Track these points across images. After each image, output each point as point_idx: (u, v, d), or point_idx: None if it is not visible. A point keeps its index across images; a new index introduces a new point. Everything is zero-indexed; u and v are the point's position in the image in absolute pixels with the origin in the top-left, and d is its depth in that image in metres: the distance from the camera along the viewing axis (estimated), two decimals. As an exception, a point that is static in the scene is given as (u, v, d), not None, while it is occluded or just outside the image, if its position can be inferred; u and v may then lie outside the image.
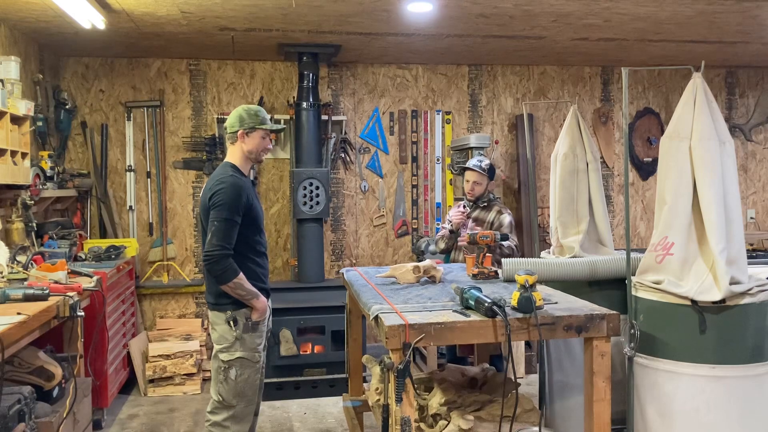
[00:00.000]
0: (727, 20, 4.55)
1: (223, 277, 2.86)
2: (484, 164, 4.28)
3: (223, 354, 2.96)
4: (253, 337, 2.98)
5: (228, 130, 3.06)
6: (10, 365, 2.97)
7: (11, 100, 3.88)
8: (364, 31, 4.73)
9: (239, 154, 3.06)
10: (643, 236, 6.40)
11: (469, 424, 2.76)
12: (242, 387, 2.96)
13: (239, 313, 2.94)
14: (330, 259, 5.89)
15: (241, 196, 2.92)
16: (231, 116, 3.06)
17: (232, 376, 2.94)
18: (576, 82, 6.25)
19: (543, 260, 3.29)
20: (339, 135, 5.82)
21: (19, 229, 4.03)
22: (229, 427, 2.96)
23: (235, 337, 2.94)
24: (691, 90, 2.74)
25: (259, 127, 3.04)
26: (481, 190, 4.28)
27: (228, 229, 2.86)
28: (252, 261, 3.02)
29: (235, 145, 3.06)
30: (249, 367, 2.97)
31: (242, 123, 3.03)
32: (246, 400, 2.99)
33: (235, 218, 2.88)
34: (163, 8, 4.10)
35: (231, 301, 2.94)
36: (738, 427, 2.62)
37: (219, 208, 2.87)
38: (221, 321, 2.96)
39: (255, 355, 2.99)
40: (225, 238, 2.85)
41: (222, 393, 2.96)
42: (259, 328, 3.00)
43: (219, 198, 2.88)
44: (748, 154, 6.59)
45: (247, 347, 2.96)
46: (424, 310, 2.59)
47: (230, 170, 3.02)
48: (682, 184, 2.71)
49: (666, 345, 2.70)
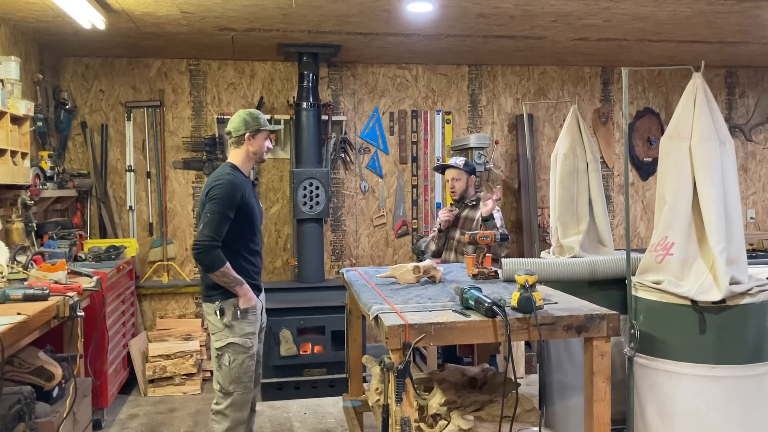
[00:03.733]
0: (727, 20, 4.55)
1: (210, 266, 2.99)
2: (460, 160, 4.32)
3: (216, 342, 3.11)
4: (242, 323, 3.09)
5: (233, 133, 3.21)
6: (10, 365, 2.97)
7: (11, 100, 3.88)
8: (364, 31, 4.73)
9: (243, 155, 3.22)
10: (643, 236, 6.40)
11: (469, 424, 2.76)
12: (237, 373, 3.08)
13: (227, 303, 3.07)
14: (330, 259, 5.89)
15: (237, 193, 3.05)
16: (234, 121, 3.21)
17: (225, 362, 3.07)
18: (576, 82, 6.25)
19: (543, 260, 3.29)
20: (339, 135, 5.82)
21: (19, 229, 4.03)
22: (229, 416, 3.10)
23: (224, 324, 3.07)
24: (691, 90, 2.74)
25: (262, 128, 3.21)
26: (462, 186, 4.29)
27: (219, 222, 2.99)
28: (245, 259, 3.14)
29: (241, 147, 3.22)
30: (241, 352, 3.09)
31: (248, 126, 3.19)
32: (242, 386, 3.11)
33: (228, 213, 3.02)
34: (163, 8, 4.10)
35: (220, 292, 3.07)
36: (738, 427, 2.62)
37: (213, 202, 3.02)
38: (211, 311, 3.11)
39: (246, 341, 3.10)
40: (215, 230, 2.98)
41: (219, 380, 3.11)
42: (248, 316, 3.11)
43: (215, 192, 3.03)
44: (748, 154, 6.59)
45: (237, 333, 3.08)
46: (424, 310, 2.59)
47: (230, 169, 3.17)
48: (682, 184, 2.70)
49: (666, 345, 2.70)
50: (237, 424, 3.10)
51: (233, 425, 3.09)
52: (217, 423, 3.10)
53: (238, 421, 3.10)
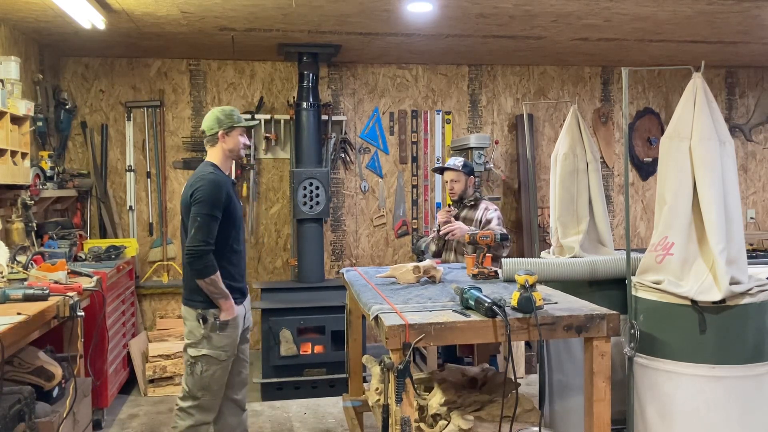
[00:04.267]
0: (727, 20, 4.55)
1: (203, 272, 2.95)
2: (458, 161, 4.32)
3: (190, 349, 3.07)
4: (220, 336, 3.04)
5: (207, 132, 3.15)
6: (10, 365, 2.97)
7: (11, 100, 3.88)
8: (364, 31, 4.73)
9: (220, 154, 3.17)
10: (643, 236, 6.40)
11: (469, 424, 2.76)
12: (207, 381, 3.06)
13: (209, 312, 3.02)
14: (330, 259, 5.89)
15: (221, 192, 3.00)
16: (208, 119, 3.15)
17: (197, 371, 3.05)
18: (576, 82, 6.25)
19: (543, 260, 3.29)
20: (339, 135, 5.82)
21: (19, 229, 4.03)
22: (194, 415, 3.08)
23: (202, 335, 3.03)
24: (691, 90, 2.74)
25: (236, 125, 3.15)
26: (461, 187, 4.29)
27: (209, 224, 2.95)
28: (227, 260, 3.08)
29: (216, 146, 3.16)
30: (215, 364, 3.06)
31: (221, 124, 3.13)
32: (211, 394, 3.09)
33: (216, 213, 2.97)
34: (163, 8, 4.10)
35: (203, 299, 3.03)
36: (738, 427, 2.62)
37: (200, 204, 2.96)
38: (191, 317, 3.06)
39: (221, 353, 3.06)
40: (208, 234, 2.94)
41: (188, 384, 3.09)
42: (227, 328, 3.06)
43: (199, 194, 2.97)
44: (748, 154, 6.59)
45: (214, 346, 3.04)
46: (424, 310, 2.59)
47: (211, 168, 3.12)
48: (682, 184, 2.70)
49: (666, 345, 2.70)
50: (200, 423, 3.09)
51: (196, 424, 3.08)
52: (181, 419, 3.09)
53: (201, 422, 3.09)
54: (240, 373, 3.27)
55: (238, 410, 3.29)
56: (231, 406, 3.26)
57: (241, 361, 3.26)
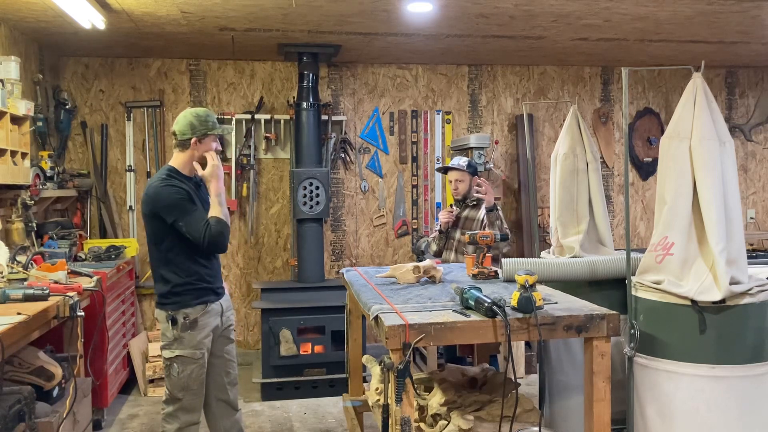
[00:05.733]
0: (727, 20, 4.55)
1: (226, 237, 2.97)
2: (463, 161, 4.35)
3: (165, 351, 3.05)
4: (192, 335, 3.01)
5: (179, 137, 3.02)
6: (10, 365, 2.97)
7: (11, 100, 3.88)
8: (364, 31, 4.73)
9: (186, 158, 3.05)
10: (643, 236, 6.40)
11: (469, 424, 2.76)
12: (186, 382, 3.04)
13: (178, 313, 2.99)
14: (330, 259, 5.89)
15: (174, 191, 2.92)
16: (180, 122, 3.02)
17: (174, 373, 3.03)
18: (576, 82, 6.25)
19: (543, 260, 3.29)
20: (339, 135, 5.82)
21: (19, 229, 4.03)
22: (179, 417, 3.06)
23: (174, 336, 3.00)
24: (691, 90, 2.74)
25: (210, 132, 3.04)
26: (466, 187, 4.33)
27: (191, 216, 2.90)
28: (195, 261, 3.01)
29: (185, 152, 3.04)
30: (190, 363, 3.03)
31: (194, 131, 3.00)
32: (192, 393, 3.07)
33: (185, 206, 2.91)
34: (163, 8, 4.10)
35: (171, 301, 3.00)
36: (738, 426, 2.62)
37: (169, 211, 2.90)
38: (162, 319, 3.03)
39: (196, 352, 3.03)
40: (197, 224, 2.89)
41: (168, 387, 3.07)
42: (197, 326, 3.02)
43: (161, 205, 2.90)
44: (748, 154, 6.59)
45: (187, 345, 3.01)
46: (424, 310, 2.59)
47: (164, 174, 3.00)
48: (682, 184, 2.70)
49: (666, 345, 2.70)
50: (187, 425, 3.07)
51: (183, 426, 3.06)
52: (168, 423, 3.08)
53: (188, 423, 3.08)
54: (228, 373, 3.23)
55: (230, 411, 3.25)
56: (222, 407, 3.22)
57: (228, 362, 3.22)
